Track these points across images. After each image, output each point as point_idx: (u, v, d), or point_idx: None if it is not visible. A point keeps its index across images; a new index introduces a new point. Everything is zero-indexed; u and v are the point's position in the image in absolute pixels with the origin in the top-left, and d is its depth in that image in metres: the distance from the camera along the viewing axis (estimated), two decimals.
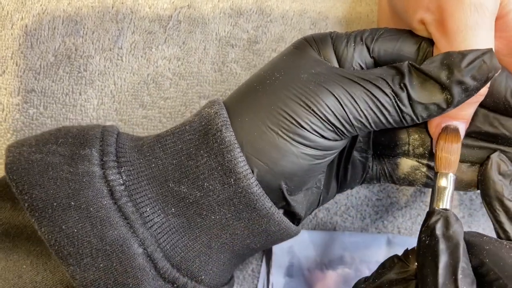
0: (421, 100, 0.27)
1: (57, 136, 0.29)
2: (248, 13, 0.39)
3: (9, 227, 0.28)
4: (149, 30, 0.38)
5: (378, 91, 0.27)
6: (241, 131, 0.27)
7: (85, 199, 0.26)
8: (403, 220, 0.41)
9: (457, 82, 0.26)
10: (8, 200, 0.28)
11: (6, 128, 0.37)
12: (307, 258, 0.40)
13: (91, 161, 0.27)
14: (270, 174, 0.27)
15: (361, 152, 0.34)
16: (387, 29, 0.30)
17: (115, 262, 0.26)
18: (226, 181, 0.27)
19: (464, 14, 0.27)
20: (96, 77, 0.37)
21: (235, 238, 0.29)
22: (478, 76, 0.26)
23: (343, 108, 0.27)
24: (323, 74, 0.28)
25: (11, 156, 0.27)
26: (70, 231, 0.25)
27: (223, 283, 0.31)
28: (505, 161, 0.31)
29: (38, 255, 0.27)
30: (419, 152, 0.33)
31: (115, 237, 0.26)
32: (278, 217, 0.28)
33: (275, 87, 0.28)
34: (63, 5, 0.37)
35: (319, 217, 0.40)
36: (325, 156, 0.28)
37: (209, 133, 0.27)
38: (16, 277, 0.27)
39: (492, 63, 0.26)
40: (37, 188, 0.26)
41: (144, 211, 0.27)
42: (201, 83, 0.38)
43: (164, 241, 0.27)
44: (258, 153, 0.27)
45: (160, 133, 0.29)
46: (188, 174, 0.27)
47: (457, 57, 0.27)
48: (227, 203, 0.27)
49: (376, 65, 0.30)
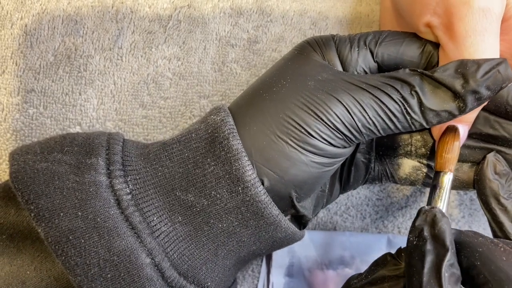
0: (433, 107, 0.27)
1: (62, 144, 0.28)
2: (248, 13, 0.39)
3: (14, 232, 0.28)
4: (149, 30, 0.38)
5: (386, 98, 0.27)
6: (249, 140, 0.27)
7: (92, 209, 0.26)
8: (403, 219, 0.41)
9: (472, 91, 0.26)
10: (13, 205, 0.28)
11: (6, 128, 0.36)
12: (308, 258, 0.40)
13: (97, 170, 0.27)
14: (281, 183, 0.27)
15: (364, 153, 0.34)
16: (390, 32, 0.30)
17: (122, 273, 0.25)
18: (233, 189, 0.26)
19: (472, 19, 0.27)
20: (96, 77, 0.37)
21: (241, 245, 0.28)
22: (492, 86, 0.27)
23: (352, 116, 0.27)
24: (330, 81, 0.28)
25: (15, 165, 0.27)
26: (77, 241, 0.25)
27: (227, 286, 0.31)
28: (500, 160, 0.32)
29: (42, 261, 0.27)
30: (421, 153, 0.33)
31: (123, 247, 0.26)
32: (285, 224, 0.28)
33: (283, 95, 0.28)
34: (62, 4, 0.37)
35: (319, 217, 0.40)
36: (334, 163, 0.28)
37: (216, 141, 0.27)
38: (20, 283, 0.27)
39: (507, 73, 0.27)
40: (43, 198, 0.26)
41: (151, 220, 0.27)
42: (201, 83, 0.38)
43: (171, 250, 0.27)
44: (268, 162, 0.27)
45: (166, 140, 0.29)
46: (195, 182, 0.27)
47: (472, 66, 0.27)
48: (234, 211, 0.27)
49: (379, 69, 0.30)
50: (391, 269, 0.27)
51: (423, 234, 0.26)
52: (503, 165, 0.31)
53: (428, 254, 0.25)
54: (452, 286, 0.24)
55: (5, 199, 0.28)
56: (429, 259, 0.25)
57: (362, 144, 0.33)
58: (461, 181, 0.33)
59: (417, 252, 0.25)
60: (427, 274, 0.24)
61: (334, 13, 0.39)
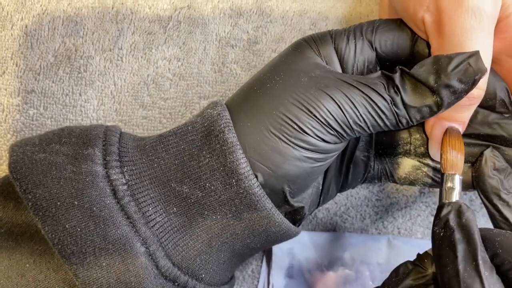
0: (414, 104, 0.27)
1: (60, 135, 0.29)
2: (248, 13, 0.39)
3: (12, 226, 0.28)
4: (149, 31, 0.38)
5: (376, 96, 0.27)
6: (243, 136, 0.27)
7: (88, 199, 0.26)
8: (403, 220, 0.41)
9: (444, 85, 0.27)
10: (11, 200, 0.28)
11: (6, 128, 0.37)
12: (307, 259, 0.40)
13: (94, 160, 0.27)
14: (274, 178, 0.27)
15: (363, 151, 0.34)
16: (383, 20, 0.31)
17: (117, 261, 0.26)
18: (227, 181, 0.27)
19: (461, 17, 0.28)
20: (96, 78, 0.37)
21: (235, 238, 0.29)
22: (464, 79, 0.27)
23: (344, 113, 0.27)
24: (323, 78, 0.28)
25: (14, 156, 0.27)
26: (73, 230, 0.25)
27: (223, 282, 0.31)
28: (498, 156, 0.32)
29: (41, 254, 0.27)
30: (420, 152, 0.33)
31: (118, 236, 0.26)
32: (279, 218, 0.28)
33: (276, 91, 0.28)
34: (63, 5, 0.37)
35: (319, 217, 0.40)
36: (326, 158, 0.29)
37: (211, 134, 0.27)
38: (19, 275, 0.27)
39: (478, 66, 0.27)
40: (40, 188, 0.26)
41: (147, 210, 0.27)
42: (201, 84, 0.38)
43: (166, 240, 0.27)
44: (261, 157, 0.27)
45: (162, 133, 0.29)
46: (190, 174, 0.27)
47: (444, 61, 0.27)
48: (228, 204, 0.27)
49: (378, 57, 0.30)
50: (417, 277, 0.27)
51: (449, 224, 0.26)
52: (501, 161, 0.31)
53: (459, 243, 0.25)
54: (489, 273, 0.24)
55: (3, 193, 0.29)
56: (460, 248, 0.25)
57: (361, 141, 0.33)
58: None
59: (447, 243, 0.25)
60: (462, 262, 0.24)
61: (334, 13, 0.39)
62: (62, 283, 0.27)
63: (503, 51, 0.31)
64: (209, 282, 0.29)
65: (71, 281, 0.27)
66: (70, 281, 0.27)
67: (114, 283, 0.26)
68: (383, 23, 0.31)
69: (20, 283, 0.27)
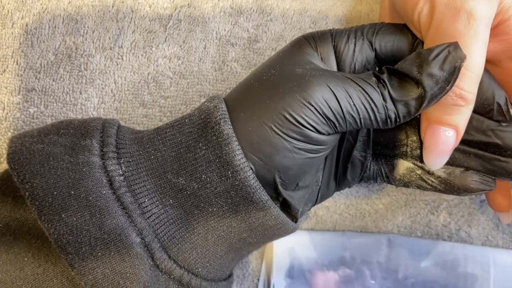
0: (400, 97, 0.28)
1: (58, 127, 0.29)
2: (248, 12, 0.39)
3: (10, 221, 0.28)
4: (149, 29, 0.38)
5: (369, 87, 0.28)
6: (236, 126, 0.27)
7: (85, 189, 0.26)
8: (403, 218, 0.41)
9: (427, 74, 0.27)
10: (10, 194, 0.28)
11: (6, 127, 0.37)
12: (308, 259, 0.40)
13: (91, 151, 0.27)
14: (265, 169, 0.27)
15: (361, 151, 0.34)
16: (385, 23, 0.31)
17: (113, 251, 0.26)
18: (223, 173, 0.27)
19: (454, 19, 0.28)
20: (97, 76, 0.37)
21: (232, 232, 0.29)
22: (445, 66, 0.27)
23: (338, 101, 0.27)
24: (318, 69, 0.28)
25: (13, 146, 0.28)
26: (69, 219, 0.26)
27: (220, 278, 0.31)
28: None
29: (39, 248, 0.27)
30: (416, 154, 0.33)
31: (114, 226, 0.26)
32: (275, 211, 0.28)
33: (271, 82, 0.28)
34: (63, 4, 0.37)
35: (319, 215, 0.40)
36: (318, 150, 0.28)
37: (207, 126, 0.27)
38: (17, 269, 0.27)
39: (457, 53, 0.27)
40: (38, 178, 0.26)
41: (143, 201, 0.27)
42: (202, 82, 0.38)
43: (162, 231, 0.27)
44: (253, 148, 0.27)
45: (160, 125, 0.30)
46: (186, 166, 0.27)
47: (425, 53, 0.28)
48: (224, 196, 0.27)
49: (377, 59, 0.30)
50: None
51: None
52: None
53: None
54: None
55: (1, 188, 0.29)
56: None
57: (359, 141, 0.33)
58: (452, 185, 0.33)
59: None
60: None
61: (334, 12, 0.39)
62: (60, 276, 0.27)
63: (503, 53, 0.31)
64: (205, 277, 0.29)
65: (69, 274, 0.27)
66: (69, 274, 0.27)
67: (109, 274, 0.26)
68: (386, 26, 0.31)
69: (18, 276, 0.27)
